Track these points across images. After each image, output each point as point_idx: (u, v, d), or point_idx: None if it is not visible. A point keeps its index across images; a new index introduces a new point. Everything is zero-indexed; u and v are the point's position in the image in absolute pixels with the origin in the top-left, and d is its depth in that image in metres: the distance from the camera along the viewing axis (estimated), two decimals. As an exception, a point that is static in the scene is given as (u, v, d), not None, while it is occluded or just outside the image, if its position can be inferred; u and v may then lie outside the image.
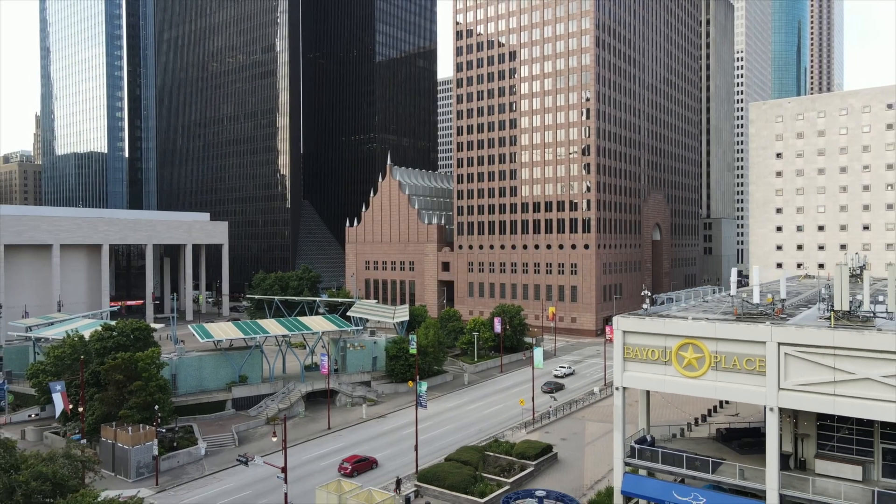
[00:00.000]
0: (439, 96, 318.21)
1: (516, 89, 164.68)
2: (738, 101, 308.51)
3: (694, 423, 73.45)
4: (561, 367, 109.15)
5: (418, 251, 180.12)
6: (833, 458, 42.89)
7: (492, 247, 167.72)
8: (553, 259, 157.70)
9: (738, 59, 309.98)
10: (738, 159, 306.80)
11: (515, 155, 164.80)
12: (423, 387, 67.25)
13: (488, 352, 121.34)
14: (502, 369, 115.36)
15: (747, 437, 49.22)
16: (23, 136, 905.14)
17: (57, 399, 61.11)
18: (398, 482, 59.59)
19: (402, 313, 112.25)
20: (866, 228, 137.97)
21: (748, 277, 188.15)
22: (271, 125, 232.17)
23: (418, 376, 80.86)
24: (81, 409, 61.72)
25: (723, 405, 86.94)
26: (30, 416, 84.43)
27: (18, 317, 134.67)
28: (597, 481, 60.87)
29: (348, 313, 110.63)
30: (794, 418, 45.39)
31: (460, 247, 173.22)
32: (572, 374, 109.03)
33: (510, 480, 59.19)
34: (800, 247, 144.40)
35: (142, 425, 67.30)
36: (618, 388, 46.42)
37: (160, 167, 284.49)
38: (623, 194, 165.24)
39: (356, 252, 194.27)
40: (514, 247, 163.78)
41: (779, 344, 39.87)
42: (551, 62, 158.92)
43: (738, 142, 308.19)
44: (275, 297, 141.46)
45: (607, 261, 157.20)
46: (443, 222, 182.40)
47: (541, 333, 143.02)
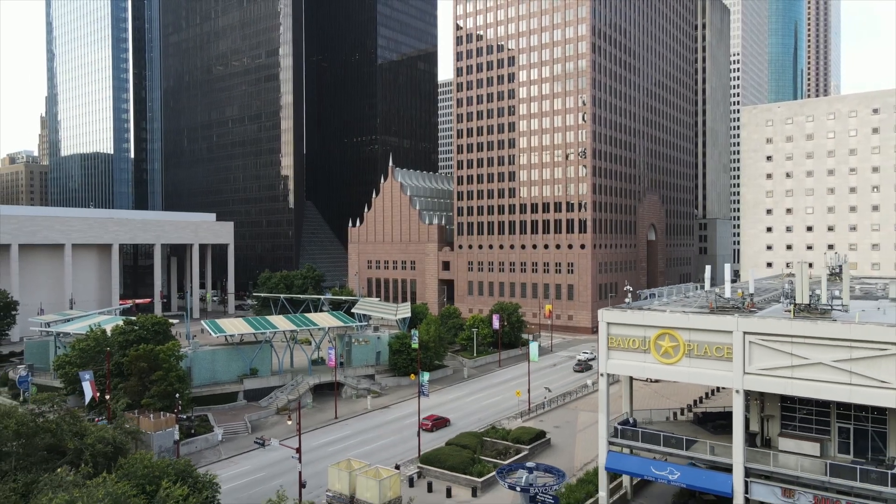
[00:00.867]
0: (439, 98, 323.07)
1: (515, 93, 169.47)
2: (734, 103, 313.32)
3: (680, 413, 78.13)
4: (585, 353, 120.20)
5: (419, 251, 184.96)
6: (794, 437, 47.70)
7: (491, 247, 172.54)
8: (550, 259, 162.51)
9: (734, 61, 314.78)
10: (733, 161, 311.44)
11: (514, 157, 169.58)
12: (426, 377, 72.07)
13: (487, 348, 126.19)
14: (500, 364, 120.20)
15: (721, 420, 54.03)
16: (26, 136, 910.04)
17: (86, 387, 65.71)
18: (396, 468, 64.27)
19: (405, 310, 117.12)
20: (853, 229, 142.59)
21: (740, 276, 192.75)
22: (275, 127, 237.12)
23: (420, 369, 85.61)
24: (108, 397, 66.41)
25: (709, 396, 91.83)
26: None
27: (33, 314, 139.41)
28: (586, 463, 65.74)
29: (353, 310, 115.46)
30: (760, 401, 50.22)
31: (460, 246, 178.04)
32: (594, 358, 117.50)
33: (506, 462, 63.97)
34: (789, 247, 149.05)
35: (162, 412, 72.09)
36: (602, 374, 51.25)
37: (165, 168, 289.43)
38: (619, 195, 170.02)
39: (359, 251, 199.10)
40: (512, 247, 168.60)
41: (744, 333, 44.69)
42: (549, 67, 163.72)
43: (733, 144, 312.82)
44: (280, 296, 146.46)
45: (603, 260, 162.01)
46: (443, 223, 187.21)
47: (538, 330, 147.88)
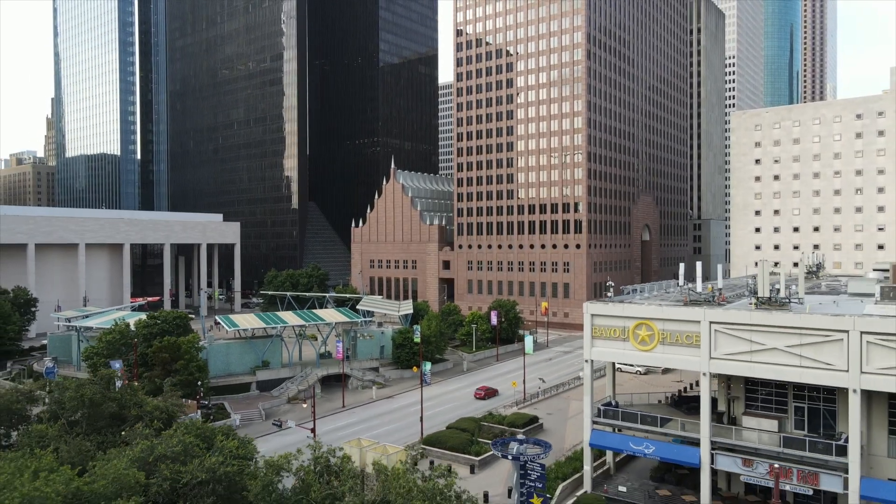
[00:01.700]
0: (440, 101, 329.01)
1: (513, 98, 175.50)
2: (729, 105, 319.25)
3: (662, 400, 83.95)
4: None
5: (420, 250, 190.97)
6: (756, 415, 53.63)
7: (490, 246, 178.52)
8: (547, 258, 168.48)
9: (729, 65, 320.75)
10: (728, 163, 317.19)
11: (512, 160, 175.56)
12: (428, 366, 78.04)
13: (485, 343, 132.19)
14: (498, 358, 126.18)
15: (693, 403, 60.00)
16: (28, 137, 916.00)
17: (116, 375, 71.73)
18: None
19: (407, 307, 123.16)
20: (837, 230, 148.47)
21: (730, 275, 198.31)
22: (279, 130, 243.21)
23: (422, 360, 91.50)
24: (137, 384, 72.27)
25: (692, 387, 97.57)
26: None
27: (50, 311, 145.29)
28: (574, 445, 71.66)
29: (357, 307, 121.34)
30: (727, 384, 56.17)
31: (460, 246, 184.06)
32: None
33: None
34: (776, 246, 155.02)
35: (184, 399, 77.93)
36: (587, 361, 57.21)
37: (171, 169, 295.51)
38: (614, 197, 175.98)
39: (361, 251, 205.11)
40: (510, 246, 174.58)
41: (710, 322, 50.65)
42: (546, 73, 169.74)
43: (728, 146, 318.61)
44: (287, 293, 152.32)
45: (598, 260, 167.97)
46: (443, 223, 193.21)
47: (535, 327, 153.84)
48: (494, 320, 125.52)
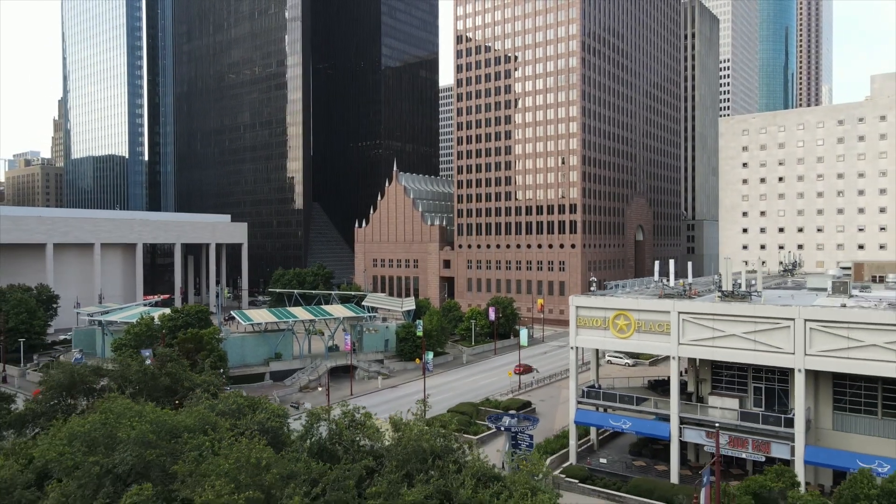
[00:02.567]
0: (440, 104, 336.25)
1: (512, 103, 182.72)
2: (723, 108, 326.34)
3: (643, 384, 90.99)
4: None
5: (422, 250, 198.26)
6: (721, 395, 60.72)
7: (489, 246, 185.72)
8: (543, 257, 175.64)
9: (723, 69, 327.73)
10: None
11: (511, 163, 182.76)
12: (430, 356, 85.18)
13: (484, 337, 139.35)
14: (496, 352, 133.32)
15: (667, 386, 66.93)
16: (33, 138, 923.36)
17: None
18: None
19: (409, 303, 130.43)
20: (820, 230, 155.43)
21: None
22: (283, 132, 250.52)
23: (425, 352, 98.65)
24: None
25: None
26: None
27: (67, 308, 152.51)
28: (563, 426, 78.73)
29: (362, 304, 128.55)
30: (696, 368, 63.29)
31: (460, 246, 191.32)
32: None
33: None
34: (763, 246, 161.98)
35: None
36: (572, 348, 64.33)
37: (178, 171, 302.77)
38: (608, 199, 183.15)
39: (364, 251, 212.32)
40: (508, 246, 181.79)
41: (679, 313, 57.72)
42: (542, 80, 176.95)
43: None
44: (294, 291, 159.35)
45: (592, 259, 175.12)
46: (444, 224, 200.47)
47: (531, 323, 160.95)
48: (492, 316, 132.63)
